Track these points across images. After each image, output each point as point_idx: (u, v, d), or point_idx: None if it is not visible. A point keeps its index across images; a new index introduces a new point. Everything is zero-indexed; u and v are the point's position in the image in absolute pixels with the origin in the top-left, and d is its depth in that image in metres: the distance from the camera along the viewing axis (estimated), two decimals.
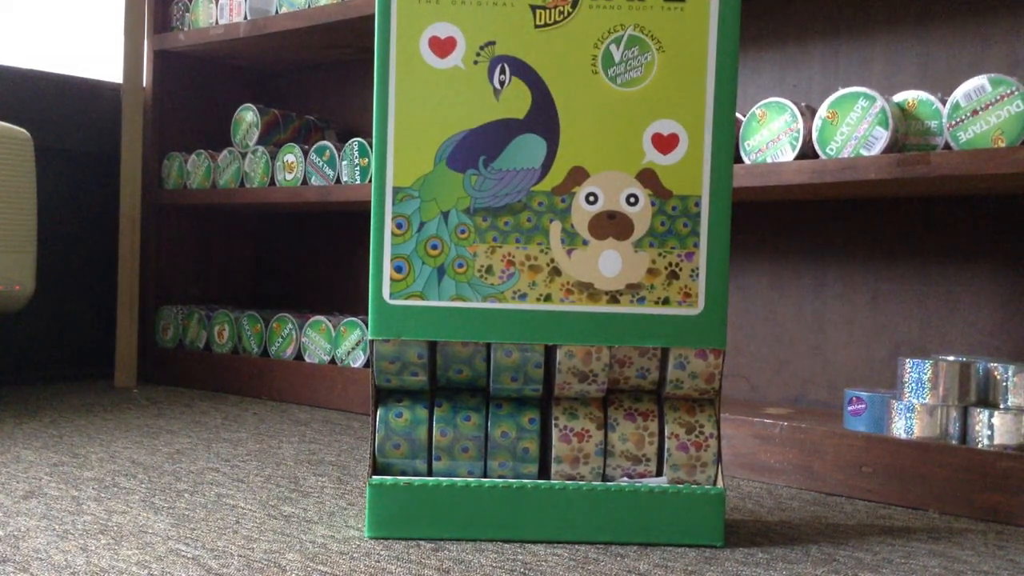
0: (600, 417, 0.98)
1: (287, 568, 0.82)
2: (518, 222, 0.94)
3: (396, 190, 0.94)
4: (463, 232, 0.94)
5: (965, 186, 1.22)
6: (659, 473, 0.97)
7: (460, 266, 0.94)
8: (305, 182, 1.81)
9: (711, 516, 0.94)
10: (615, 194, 0.94)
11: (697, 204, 0.95)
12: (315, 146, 1.80)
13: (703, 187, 0.95)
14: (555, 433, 0.97)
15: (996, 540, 1.01)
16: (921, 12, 1.38)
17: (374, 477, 0.94)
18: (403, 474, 0.97)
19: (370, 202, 0.95)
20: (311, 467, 1.25)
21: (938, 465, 1.13)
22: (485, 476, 0.97)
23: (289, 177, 1.83)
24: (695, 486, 0.95)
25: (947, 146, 1.18)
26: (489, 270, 0.94)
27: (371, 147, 1.71)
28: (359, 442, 1.44)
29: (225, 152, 1.95)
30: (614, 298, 0.94)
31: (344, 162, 1.75)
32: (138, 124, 2.00)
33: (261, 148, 1.89)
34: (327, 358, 1.77)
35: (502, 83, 0.94)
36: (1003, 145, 1.11)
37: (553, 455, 0.97)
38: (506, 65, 0.94)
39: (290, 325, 1.83)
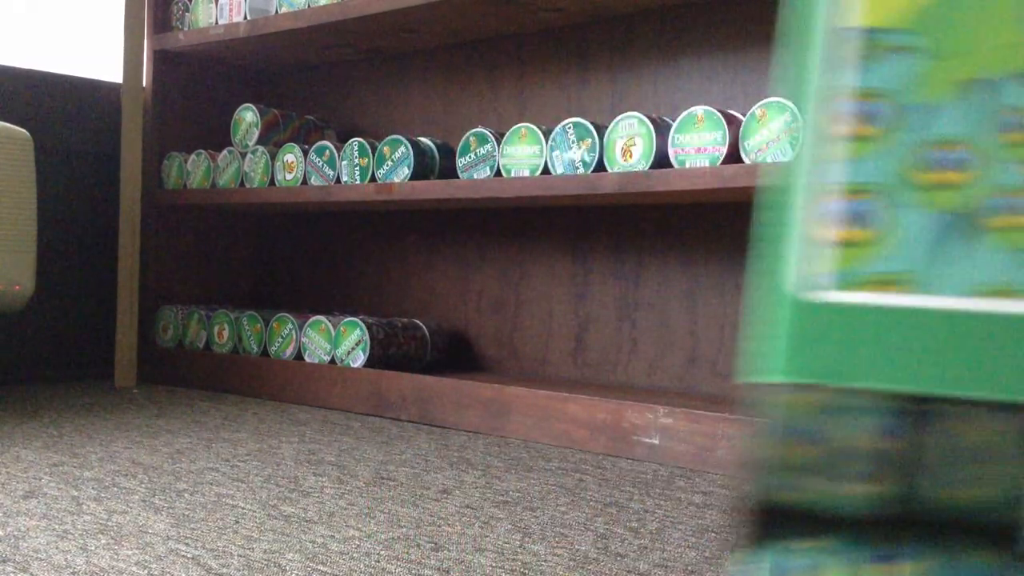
0: None
1: (287, 568, 0.82)
2: None
3: (864, 32, 0.43)
4: None
5: None
6: None
7: (1012, 209, 0.41)
8: (305, 182, 1.81)
9: None
10: None
11: None
12: (315, 146, 1.80)
13: None
14: None
15: None
16: None
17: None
18: None
19: (370, 202, 0.76)
20: (311, 467, 1.25)
21: None
22: None
23: (289, 177, 1.83)
24: None
25: None
26: None
27: (371, 147, 1.71)
28: (359, 442, 1.44)
29: (225, 152, 1.95)
30: None
31: (344, 162, 1.75)
32: (138, 124, 2.00)
33: (261, 148, 1.90)
34: (327, 358, 1.77)
35: None
36: None
37: None
38: None
39: (290, 325, 1.83)
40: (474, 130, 1.62)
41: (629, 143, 1.42)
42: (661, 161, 1.40)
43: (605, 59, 1.70)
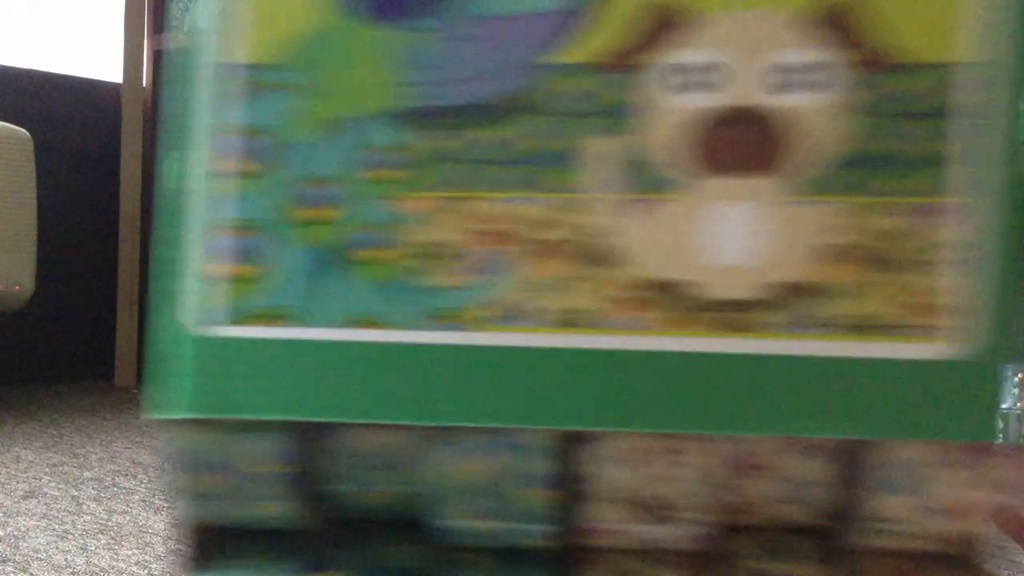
0: None
1: None
2: (515, 140, 0.43)
3: (238, 69, 0.44)
4: (388, 165, 0.43)
5: None
6: None
7: (376, 245, 0.43)
8: None
9: None
10: (755, 68, 0.42)
11: (957, 87, 0.42)
12: None
13: (971, 50, 0.42)
14: None
15: (996, 540, 1.01)
16: None
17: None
18: None
19: None
20: None
21: None
22: None
23: None
24: None
25: None
26: (443, 254, 0.43)
27: None
28: None
29: None
30: (745, 318, 0.42)
31: None
32: (138, 124, 2.00)
33: None
34: None
35: None
36: None
37: None
38: None
39: None
40: None
41: None
42: None
43: None
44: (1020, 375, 1.17)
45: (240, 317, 0.43)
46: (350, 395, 0.43)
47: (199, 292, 0.44)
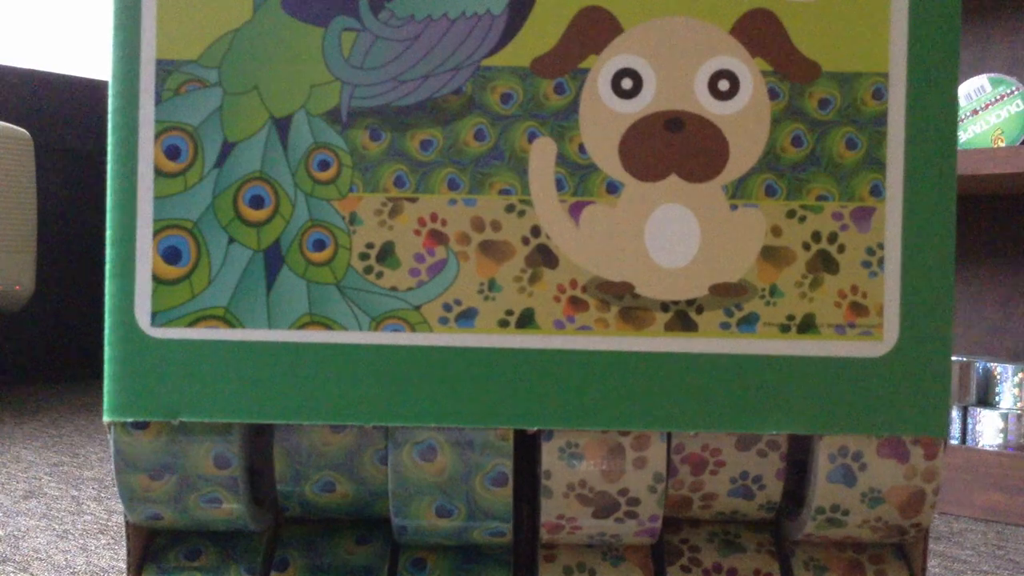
0: None
1: None
2: (454, 142, 0.44)
3: (163, 65, 0.43)
4: (324, 166, 0.44)
5: (964, 186, 1.22)
6: None
7: (319, 245, 0.44)
8: None
9: None
10: (683, 74, 0.44)
11: (879, 93, 0.44)
12: None
13: (891, 56, 0.44)
14: None
15: (996, 540, 1.01)
16: None
17: None
18: None
19: None
20: None
21: None
22: None
23: None
24: None
25: None
26: (387, 255, 0.44)
27: None
28: None
29: None
30: (683, 318, 0.44)
31: None
32: None
33: None
34: None
35: None
36: (1003, 145, 1.12)
37: None
38: None
39: None
40: None
41: None
42: None
43: None
44: (1020, 375, 1.18)
45: (173, 320, 0.44)
46: (300, 396, 0.44)
47: (145, 293, 0.44)
